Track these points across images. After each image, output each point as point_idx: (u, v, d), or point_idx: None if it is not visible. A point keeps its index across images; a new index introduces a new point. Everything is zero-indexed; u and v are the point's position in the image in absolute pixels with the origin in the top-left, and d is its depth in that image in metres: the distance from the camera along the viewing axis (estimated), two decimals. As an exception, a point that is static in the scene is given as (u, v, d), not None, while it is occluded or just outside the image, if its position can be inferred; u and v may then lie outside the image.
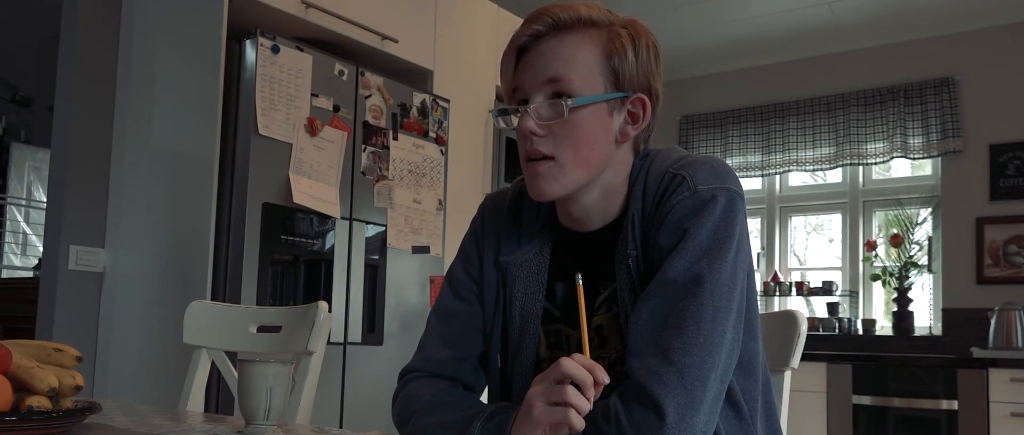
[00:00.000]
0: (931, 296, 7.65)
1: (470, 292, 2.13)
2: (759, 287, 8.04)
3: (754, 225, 8.63)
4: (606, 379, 1.60)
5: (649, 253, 1.86)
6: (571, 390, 1.57)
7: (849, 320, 7.81)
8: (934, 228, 7.60)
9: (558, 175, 1.89)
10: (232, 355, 3.03)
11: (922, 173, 7.87)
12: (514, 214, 2.11)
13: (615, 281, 1.92)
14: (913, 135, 7.56)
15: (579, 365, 1.58)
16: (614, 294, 1.92)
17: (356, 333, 5.02)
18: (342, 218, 4.96)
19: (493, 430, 1.72)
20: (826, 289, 7.95)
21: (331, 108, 4.90)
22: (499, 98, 6.44)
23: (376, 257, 5.17)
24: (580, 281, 1.73)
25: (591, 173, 1.91)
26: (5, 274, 9.66)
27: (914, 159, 7.65)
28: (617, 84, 1.88)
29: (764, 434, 1.97)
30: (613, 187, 1.95)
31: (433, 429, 1.85)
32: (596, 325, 1.96)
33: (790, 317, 2.40)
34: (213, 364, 3.07)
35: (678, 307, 1.74)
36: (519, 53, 1.93)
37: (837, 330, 7.81)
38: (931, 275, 7.59)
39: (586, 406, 1.58)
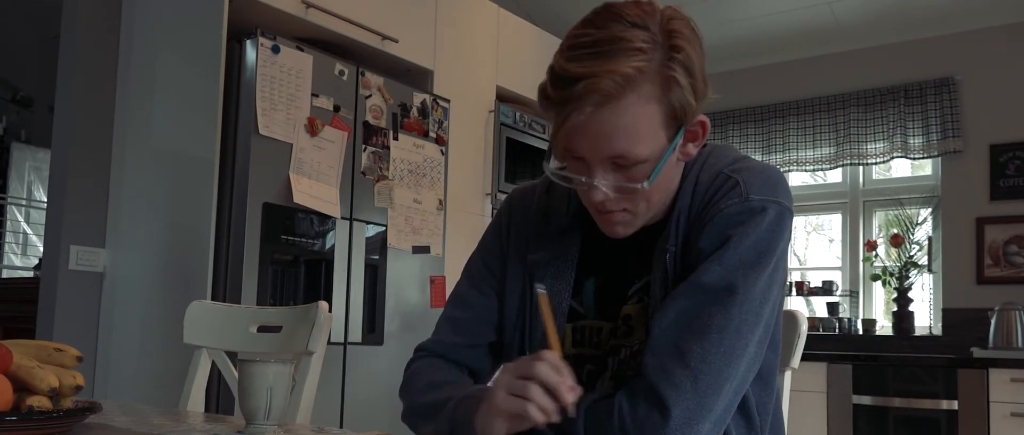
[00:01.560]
0: (931, 296, 7.64)
1: (487, 284, 2.13)
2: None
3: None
4: (570, 404, 1.61)
5: (689, 251, 1.84)
6: (535, 389, 1.58)
7: (849, 320, 7.81)
8: (934, 228, 7.60)
9: (635, 222, 1.88)
10: (232, 355, 3.03)
11: (922, 173, 7.87)
12: (544, 211, 2.08)
13: (650, 272, 1.90)
14: (913, 135, 7.56)
15: (550, 369, 1.59)
16: (647, 286, 1.91)
17: (356, 333, 5.03)
18: (342, 218, 4.96)
19: (463, 412, 1.73)
20: (826, 289, 7.94)
21: (331, 108, 4.90)
22: (500, 98, 6.44)
23: (376, 257, 5.17)
24: (541, 290, 1.74)
25: (663, 203, 1.91)
26: (5, 274, 9.67)
27: (914, 159, 7.64)
28: (679, 120, 1.75)
29: (769, 443, 1.97)
30: (675, 183, 1.92)
31: (422, 408, 1.88)
32: (625, 314, 1.95)
33: (790, 317, 2.40)
34: (213, 364, 3.07)
35: (706, 313, 1.72)
36: None
37: (837, 330, 7.80)
38: (931, 275, 7.59)
39: (550, 408, 1.59)
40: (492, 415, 1.64)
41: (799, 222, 8.63)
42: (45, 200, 6.80)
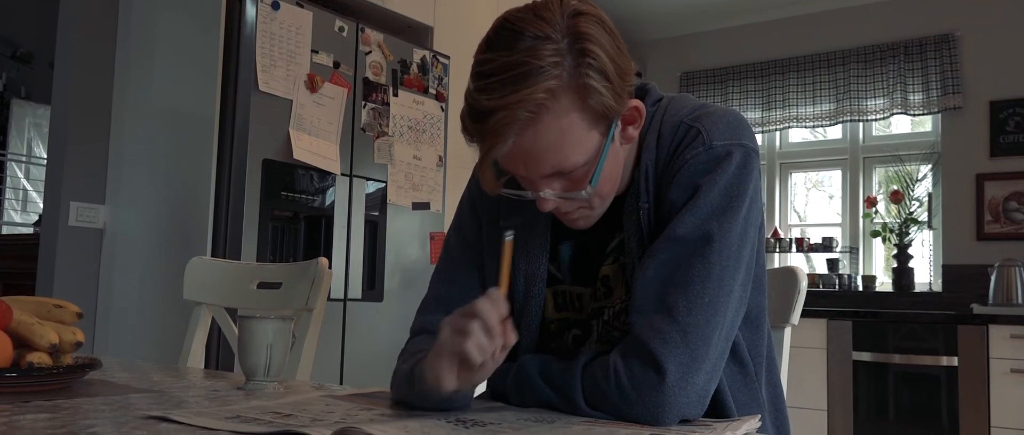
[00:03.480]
0: (931, 252, 7.65)
1: (467, 256, 2.12)
2: (759, 244, 8.04)
3: (756, 182, 8.60)
4: (512, 340, 1.61)
5: (660, 206, 1.83)
6: (475, 326, 1.57)
7: (849, 276, 7.82)
8: (934, 184, 7.59)
9: (595, 213, 1.88)
10: (232, 311, 3.03)
11: (922, 129, 7.86)
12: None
13: (624, 231, 1.90)
14: (913, 91, 7.55)
15: (492, 308, 1.59)
16: (622, 244, 1.91)
17: (356, 289, 5.03)
18: (342, 174, 4.96)
19: (422, 365, 1.72)
20: (826, 245, 7.94)
21: (331, 65, 4.89)
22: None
23: (376, 213, 5.18)
24: (508, 237, 1.73)
25: (619, 185, 1.90)
26: (5, 230, 9.66)
27: (914, 115, 7.64)
28: (607, 117, 1.73)
29: (766, 389, 1.97)
30: (629, 160, 1.91)
31: (404, 372, 1.85)
32: (603, 275, 1.95)
33: (790, 273, 2.40)
34: (213, 320, 3.07)
35: (685, 264, 1.72)
36: None
37: (837, 286, 7.81)
38: (931, 231, 7.59)
39: (486, 346, 1.58)
40: (437, 357, 1.64)
41: (799, 179, 8.63)
42: (45, 156, 6.79)
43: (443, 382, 1.63)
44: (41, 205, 7.94)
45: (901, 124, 8.00)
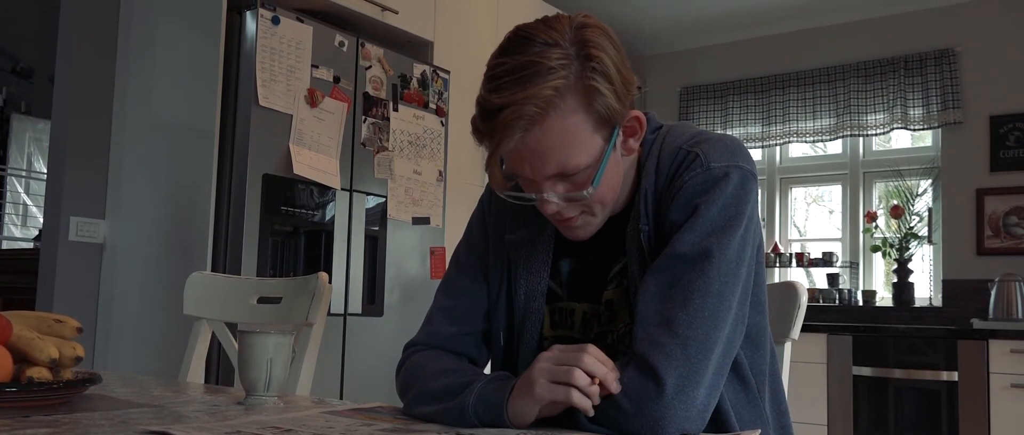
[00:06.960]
0: (931, 267, 7.65)
1: (475, 270, 2.15)
2: (759, 258, 8.03)
3: (755, 196, 8.60)
4: (617, 389, 1.66)
5: (661, 228, 1.87)
6: (579, 375, 1.61)
7: (849, 291, 7.82)
8: (934, 199, 7.60)
9: (594, 222, 1.92)
10: (232, 326, 3.03)
11: (922, 144, 7.86)
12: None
13: (626, 255, 1.93)
14: (913, 106, 7.55)
15: (595, 359, 1.64)
16: (625, 269, 1.94)
17: (356, 304, 5.03)
18: (342, 189, 4.96)
19: (491, 393, 1.73)
20: (826, 260, 7.94)
21: (331, 79, 4.90)
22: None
23: (376, 228, 5.17)
24: None
25: (619, 198, 1.95)
26: (5, 245, 9.65)
27: (914, 130, 7.64)
28: (609, 123, 1.80)
29: (770, 406, 1.99)
30: (628, 177, 1.96)
31: (437, 393, 1.85)
32: (607, 299, 1.98)
33: (790, 288, 2.40)
34: (213, 335, 3.07)
35: (685, 280, 1.75)
36: None
37: (837, 301, 7.81)
38: (931, 246, 7.59)
39: (595, 393, 1.63)
40: (530, 402, 1.67)
41: (799, 194, 8.63)
42: (45, 171, 6.79)
43: (527, 419, 1.69)
44: (41, 220, 7.94)
45: (901, 139, 8.01)
